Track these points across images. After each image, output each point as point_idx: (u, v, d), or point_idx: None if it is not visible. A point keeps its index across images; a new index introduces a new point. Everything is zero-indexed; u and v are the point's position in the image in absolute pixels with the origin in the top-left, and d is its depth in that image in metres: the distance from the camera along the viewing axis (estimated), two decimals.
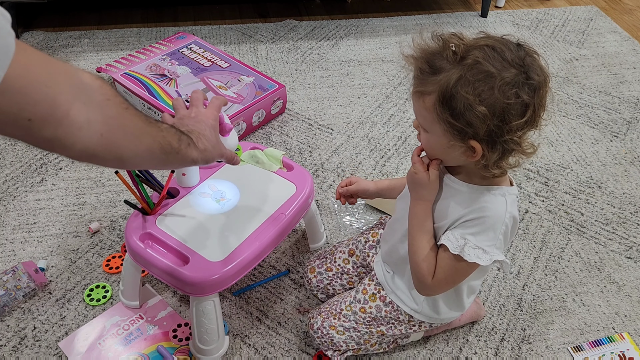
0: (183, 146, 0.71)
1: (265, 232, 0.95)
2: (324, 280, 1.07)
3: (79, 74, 0.56)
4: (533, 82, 0.67)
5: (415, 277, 0.82)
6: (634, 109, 1.73)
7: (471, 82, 0.65)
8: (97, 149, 0.58)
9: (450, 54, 0.68)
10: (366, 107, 1.67)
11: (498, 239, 0.76)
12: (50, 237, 1.21)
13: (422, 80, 0.70)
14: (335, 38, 2.00)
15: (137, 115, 0.64)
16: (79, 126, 0.54)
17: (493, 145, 0.69)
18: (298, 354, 1.03)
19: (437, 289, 0.81)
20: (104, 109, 0.58)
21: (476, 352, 1.05)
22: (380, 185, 1.02)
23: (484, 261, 0.74)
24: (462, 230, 0.76)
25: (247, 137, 1.52)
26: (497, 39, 0.69)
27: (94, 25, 2.00)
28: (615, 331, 1.10)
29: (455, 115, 0.68)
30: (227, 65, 1.62)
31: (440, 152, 0.76)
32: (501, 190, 0.76)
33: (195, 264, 0.89)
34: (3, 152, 1.42)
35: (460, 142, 0.70)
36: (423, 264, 0.80)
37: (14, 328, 1.04)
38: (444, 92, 0.67)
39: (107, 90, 0.59)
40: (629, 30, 2.17)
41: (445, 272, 0.79)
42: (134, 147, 0.63)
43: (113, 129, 0.59)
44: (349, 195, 1.04)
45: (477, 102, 0.65)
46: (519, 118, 0.67)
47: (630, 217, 1.36)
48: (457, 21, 2.15)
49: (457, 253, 0.75)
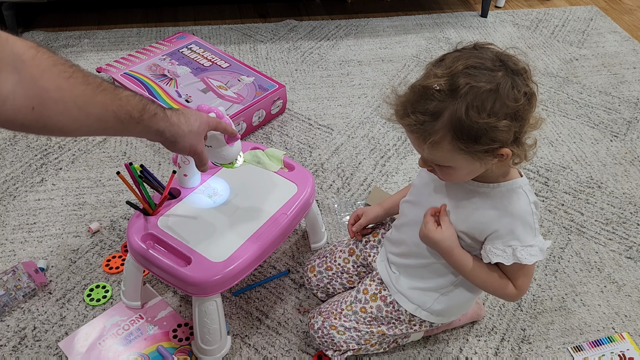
0: (146, 116, 0.68)
1: (267, 232, 0.95)
2: (324, 279, 1.07)
3: (9, 44, 0.53)
4: (520, 72, 0.69)
5: (500, 296, 0.84)
6: (634, 109, 1.73)
7: (480, 107, 0.65)
8: (26, 121, 0.55)
9: (437, 94, 0.67)
10: (366, 107, 1.67)
11: (535, 228, 0.77)
12: (50, 237, 1.21)
13: (427, 131, 0.69)
14: (335, 38, 2.00)
15: (84, 83, 0.60)
16: (3, 100, 0.52)
17: (518, 141, 0.70)
18: (298, 354, 1.03)
19: (523, 291, 0.82)
20: (37, 81, 0.55)
21: (476, 352, 1.05)
22: (387, 205, 1.03)
23: (538, 256, 0.76)
24: (502, 240, 0.77)
25: (247, 137, 1.52)
26: (465, 54, 0.69)
27: (94, 25, 2.00)
28: (615, 331, 1.10)
29: (479, 141, 0.67)
30: (227, 65, 1.62)
31: (470, 175, 0.76)
32: (517, 184, 0.77)
33: (197, 264, 0.89)
34: (3, 152, 1.42)
35: (492, 157, 0.70)
36: (498, 286, 0.81)
37: (14, 328, 1.04)
38: (459, 127, 0.66)
39: (42, 60, 0.56)
40: (629, 30, 2.17)
41: (519, 278, 0.80)
42: (76, 119, 0.60)
43: (47, 101, 0.56)
44: (363, 228, 1.05)
45: (496, 120, 0.66)
46: (531, 108, 0.69)
47: (630, 217, 1.36)
48: (457, 21, 2.15)
49: (512, 263, 0.77)
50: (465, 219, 0.80)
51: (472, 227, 0.79)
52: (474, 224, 0.79)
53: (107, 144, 1.47)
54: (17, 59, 0.53)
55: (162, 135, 0.72)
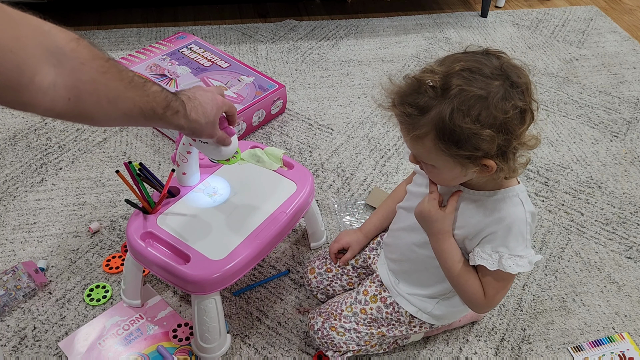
0: (169, 113, 0.71)
1: (266, 231, 0.95)
2: (324, 281, 1.07)
3: (51, 36, 0.55)
4: (519, 86, 0.67)
5: (468, 301, 0.82)
6: (634, 109, 1.73)
7: (465, 111, 0.64)
8: (62, 111, 0.57)
9: (430, 90, 0.66)
10: (366, 107, 1.67)
11: (527, 240, 0.75)
12: (50, 237, 1.21)
13: (412, 124, 0.69)
14: (335, 38, 2.00)
15: (118, 79, 0.62)
16: (44, 91, 0.54)
17: (504, 155, 0.69)
18: (298, 354, 1.03)
19: (493, 304, 0.81)
20: (76, 73, 0.57)
21: (476, 352, 1.05)
22: (368, 231, 1.04)
23: (525, 268, 0.74)
24: (491, 245, 0.76)
25: (247, 137, 1.52)
26: (467, 56, 0.68)
27: (94, 25, 2.00)
28: (615, 331, 1.10)
29: (460, 146, 0.66)
30: (227, 65, 1.62)
31: (453, 180, 0.75)
32: (513, 191, 0.76)
33: (196, 262, 0.89)
34: (3, 152, 1.42)
35: (473, 165, 0.69)
36: (471, 289, 0.79)
37: (14, 328, 1.04)
38: (442, 128, 0.66)
39: (82, 53, 0.58)
40: (629, 30, 2.17)
41: (494, 288, 0.79)
42: (106, 111, 0.62)
43: (83, 94, 0.58)
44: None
45: (479, 127, 0.64)
46: (521, 124, 0.67)
47: (630, 217, 1.36)
48: (457, 21, 2.15)
49: (495, 269, 0.75)
50: (460, 226, 0.79)
51: (467, 233, 0.78)
52: (469, 229, 0.78)
53: (107, 144, 1.47)
54: (59, 51, 0.55)
55: (182, 129, 0.76)
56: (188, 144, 0.94)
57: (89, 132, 1.50)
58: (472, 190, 0.78)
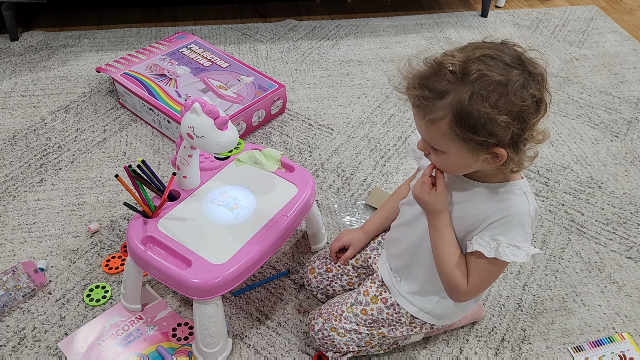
0: None
1: (267, 234, 0.95)
2: (324, 281, 1.07)
3: None
4: (536, 76, 0.68)
5: (448, 286, 0.82)
6: (634, 109, 1.73)
7: (484, 96, 0.65)
8: None
9: (449, 74, 0.67)
10: (366, 107, 1.67)
11: (528, 233, 0.76)
12: (50, 237, 1.21)
13: (429, 107, 0.69)
14: (335, 38, 2.00)
15: None
16: None
17: (516, 145, 0.70)
18: (298, 355, 1.03)
19: (472, 294, 0.81)
20: None
21: (476, 353, 1.05)
22: (369, 229, 1.04)
23: (520, 258, 0.74)
24: (491, 232, 0.76)
25: (247, 137, 1.52)
26: (487, 45, 0.69)
27: (94, 25, 2.00)
28: (616, 331, 1.10)
29: (476, 131, 0.67)
30: (227, 65, 1.62)
31: (462, 168, 0.75)
32: (518, 185, 0.76)
33: (198, 267, 0.88)
34: (3, 152, 1.42)
35: (484, 153, 0.69)
36: (455, 272, 0.79)
37: (13, 328, 1.04)
38: (460, 112, 0.66)
39: None
40: (629, 30, 2.17)
41: (480, 276, 0.79)
42: None
43: None
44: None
45: (496, 112, 0.65)
46: (536, 114, 0.68)
47: (630, 217, 1.35)
48: (457, 21, 2.15)
49: (492, 256, 0.75)
50: (463, 217, 0.79)
51: (470, 225, 0.79)
52: (471, 221, 0.78)
53: (106, 144, 1.47)
54: None
55: None
56: (189, 147, 0.93)
57: (88, 132, 1.50)
58: (477, 182, 0.78)
